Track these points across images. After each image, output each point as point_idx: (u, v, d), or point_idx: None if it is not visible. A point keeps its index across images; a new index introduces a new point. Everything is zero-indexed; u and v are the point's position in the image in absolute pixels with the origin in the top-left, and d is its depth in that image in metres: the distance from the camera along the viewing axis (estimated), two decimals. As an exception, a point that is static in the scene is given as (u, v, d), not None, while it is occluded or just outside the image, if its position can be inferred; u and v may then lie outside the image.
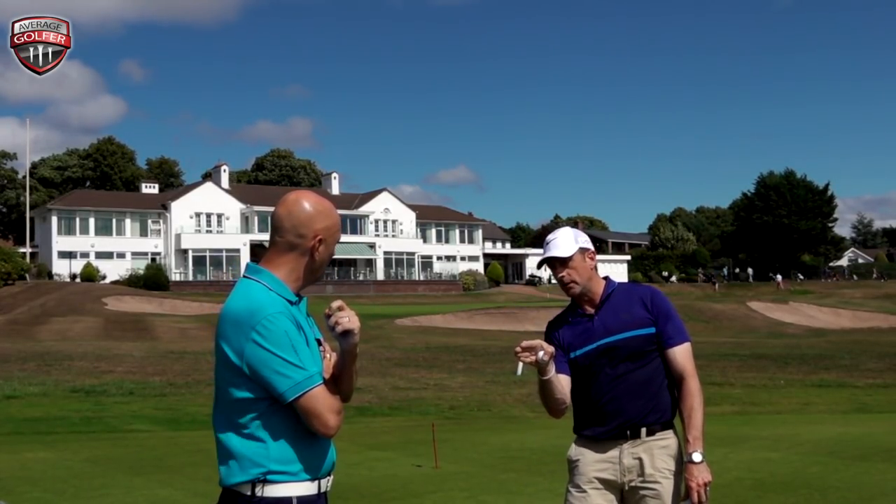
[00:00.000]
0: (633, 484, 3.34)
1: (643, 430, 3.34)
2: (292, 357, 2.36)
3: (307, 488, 2.43)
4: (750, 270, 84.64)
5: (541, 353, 3.18)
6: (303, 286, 2.57)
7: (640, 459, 3.33)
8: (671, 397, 3.42)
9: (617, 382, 3.36)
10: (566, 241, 3.48)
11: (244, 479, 2.39)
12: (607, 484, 3.36)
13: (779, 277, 76.28)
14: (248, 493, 2.39)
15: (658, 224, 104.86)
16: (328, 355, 2.57)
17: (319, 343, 2.56)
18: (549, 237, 3.56)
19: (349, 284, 71.68)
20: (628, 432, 3.34)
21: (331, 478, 2.54)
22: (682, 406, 3.37)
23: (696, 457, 3.24)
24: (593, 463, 3.38)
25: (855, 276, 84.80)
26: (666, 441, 3.38)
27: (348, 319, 2.44)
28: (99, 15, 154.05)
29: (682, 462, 3.34)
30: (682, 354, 3.39)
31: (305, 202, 2.55)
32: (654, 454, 3.34)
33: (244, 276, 2.55)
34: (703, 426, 3.30)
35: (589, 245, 3.51)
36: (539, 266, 3.69)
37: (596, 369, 3.39)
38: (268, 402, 2.40)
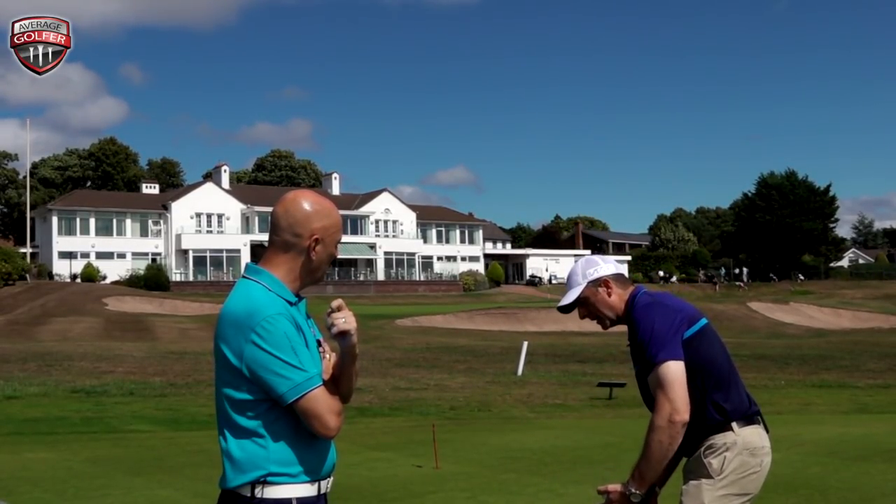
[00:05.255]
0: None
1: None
2: (292, 359, 2.34)
3: (307, 490, 2.42)
4: (745, 270, 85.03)
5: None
6: (302, 286, 2.54)
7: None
8: (712, 405, 3.22)
9: None
10: (571, 285, 3.35)
11: (244, 480, 2.38)
12: None
13: (744, 279, 79.95)
14: (248, 494, 2.38)
15: (658, 224, 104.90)
16: (328, 356, 2.55)
17: (319, 344, 2.54)
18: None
19: (349, 285, 71.68)
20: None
21: (331, 479, 2.53)
22: None
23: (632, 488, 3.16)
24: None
25: None
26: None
27: (344, 320, 2.42)
28: (98, 18, 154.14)
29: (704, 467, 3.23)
30: (651, 381, 3.15)
31: (303, 201, 2.52)
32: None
33: (243, 277, 2.53)
34: (650, 463, 3.09)
35: (599, 274, 3.31)
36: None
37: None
38: (268, 404, 2.38)
